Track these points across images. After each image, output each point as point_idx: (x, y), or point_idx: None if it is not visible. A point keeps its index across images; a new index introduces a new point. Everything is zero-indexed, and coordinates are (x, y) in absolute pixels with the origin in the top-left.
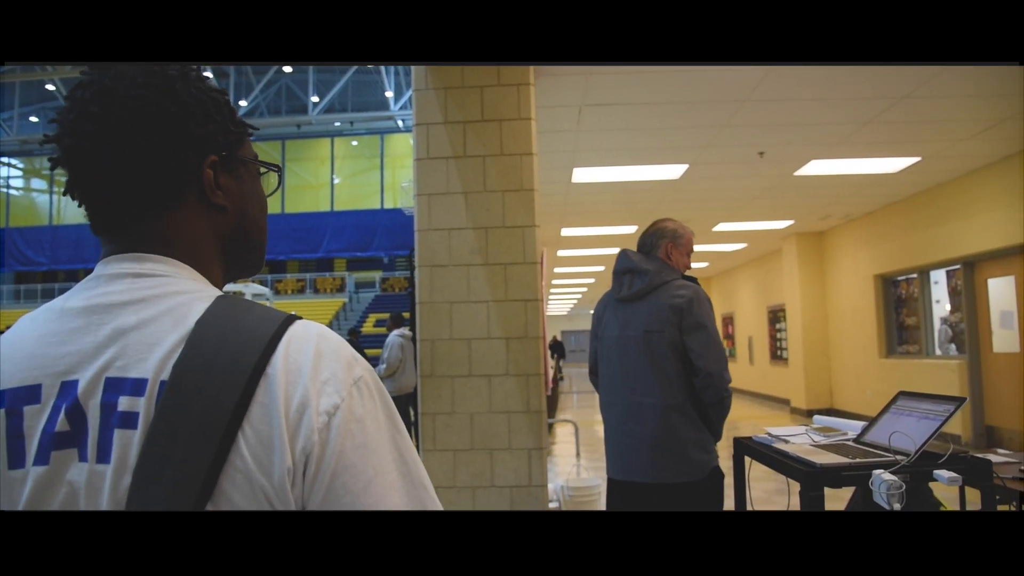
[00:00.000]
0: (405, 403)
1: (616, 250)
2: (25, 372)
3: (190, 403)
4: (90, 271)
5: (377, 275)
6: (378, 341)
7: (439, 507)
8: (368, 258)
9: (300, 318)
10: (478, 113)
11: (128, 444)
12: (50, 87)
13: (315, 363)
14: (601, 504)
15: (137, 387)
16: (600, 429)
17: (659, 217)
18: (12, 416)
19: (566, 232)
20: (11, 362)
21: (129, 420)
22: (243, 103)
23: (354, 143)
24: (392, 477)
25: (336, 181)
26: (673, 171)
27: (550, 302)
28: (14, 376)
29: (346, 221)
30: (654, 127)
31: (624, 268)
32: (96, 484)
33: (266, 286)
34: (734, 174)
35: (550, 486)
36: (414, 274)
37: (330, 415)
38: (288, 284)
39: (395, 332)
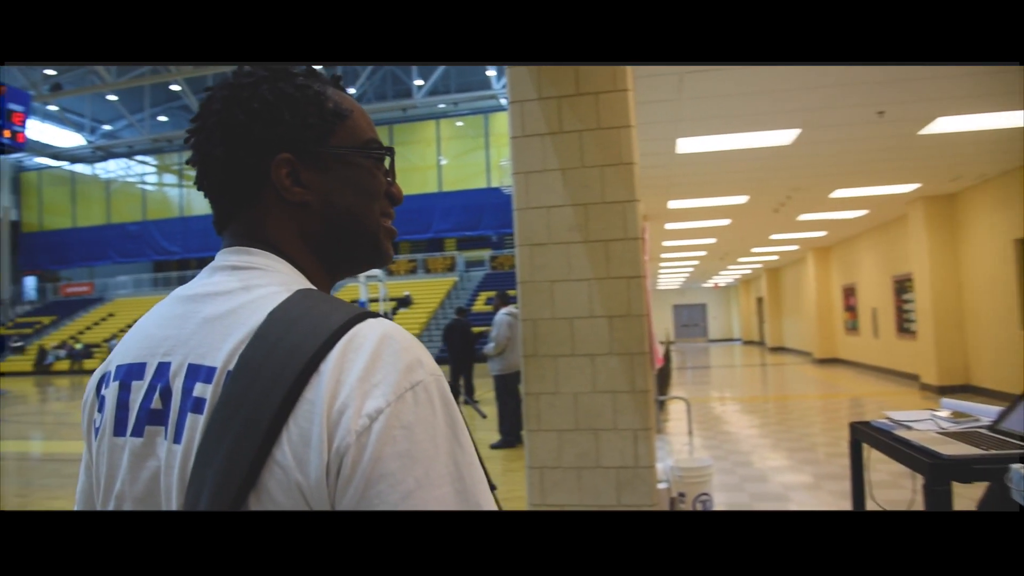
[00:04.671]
0: (514, 381)
1: (727, 221)
2: (138, 350)
3: (245, 394)
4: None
5: (486, 254)
6: (488, 319)
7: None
8: (477, 237)
9: (375, 316)
10: (573, 87)
11: (196, 428)
12: (175, 87)
13: (370, 364)
14: (711, 485)
15: (208, 375)
16: (715, 406)
17: (772, 184)
18: (123, 389)
19: (673, 204)
20: (133, 340)
21: (199, 406)
22: (351, 91)
23: (459, 124)
24: (442, 492)
25: (443, 162)
26: (784, 136)
27: (660, 276)
28: (130, 352)
29: (454, 201)
30: (761, 90)
31: None
32: (171, 463)
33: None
34: (851, 136)
35: (659, 466)
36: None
37: (372, 419)
38: (400, 265)
39: (503, 310)
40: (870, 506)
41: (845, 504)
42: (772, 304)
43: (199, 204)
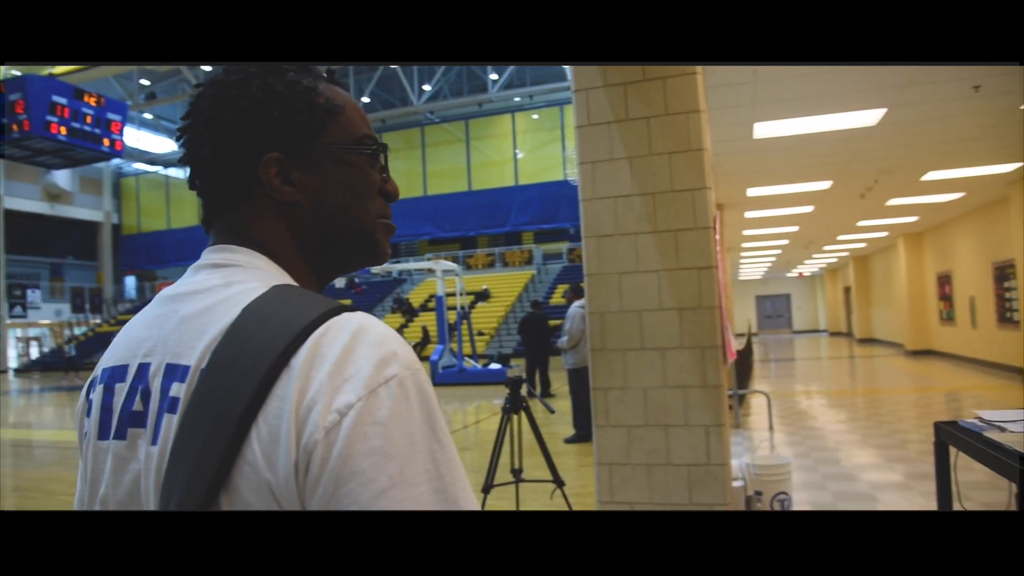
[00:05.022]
0: (588, 375)
1: (810, 208)
2: (121, 353)
3: (216, 392)
4: None
5: (564, 246)
6: (565, 313)
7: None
8: (554, 230)
9: (350, 310)
10: (639, 73)
11: (171, 429)
12: None
13: (342, 358)
14: (791, 484)
15: (184, 374)
16: (799, 400)
17: (857, 168)
18: (106, 392)
19: (753, 192)
20: (118, 343)
21: (175, 406)
22: (427, 87)
23: (534, 116)
24: (419, 491)
25: (519, 155)
26: (868, 117)
27: (742, 266)
28: (114, 355)
29: (531, 194)
30: (842, 69)
31: None
32: (148, 465)
33: (457, 262)
34: (943, 114)
35: (735, 463)
36: None
37: (342, 414)
38: (478, 259)
39: (576, 303)
40: (959, 509)
41: (935, 506)
42: (860, 293)
43: None
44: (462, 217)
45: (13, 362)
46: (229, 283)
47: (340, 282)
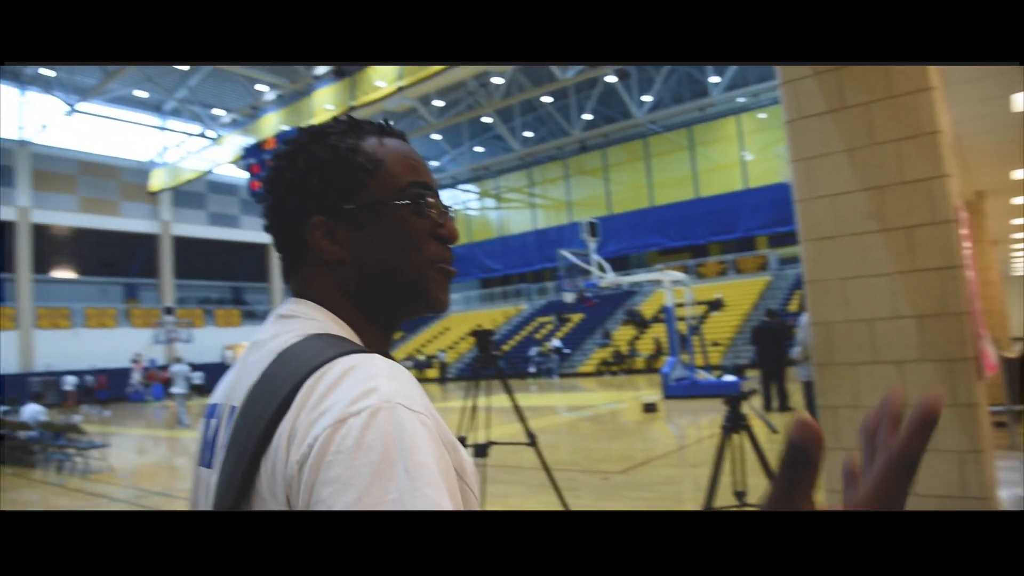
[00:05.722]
0: None
1: None
2: (219, 391)
3: (241, 430)
4: (534, 273)
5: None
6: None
7: None
8: (790, 232)
9: (367, 353)
10: None
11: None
12: (486, 119)
13: (325, 392)
14: None
15: (232, 414)
16: None
17: None
18: (207, 425)
19: (1019, 175)
20: (222, 380)
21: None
22: (647, 98)
23: (761, 116)
24: None
25: (747, 158)
26: None
27: (1014, 261)
28: (217, 392)
29: (762, 197)
30: None
31: None
32: (209, 495)
33: (688, 271)
34: None
35: (1004, 494)
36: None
37: (311, 446)
38: (710, 267)
39: None
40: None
41: None
42: None
43: (516, 224)
44: (691, 225)
45: None
46: (281, 333)
47: (569, 297)
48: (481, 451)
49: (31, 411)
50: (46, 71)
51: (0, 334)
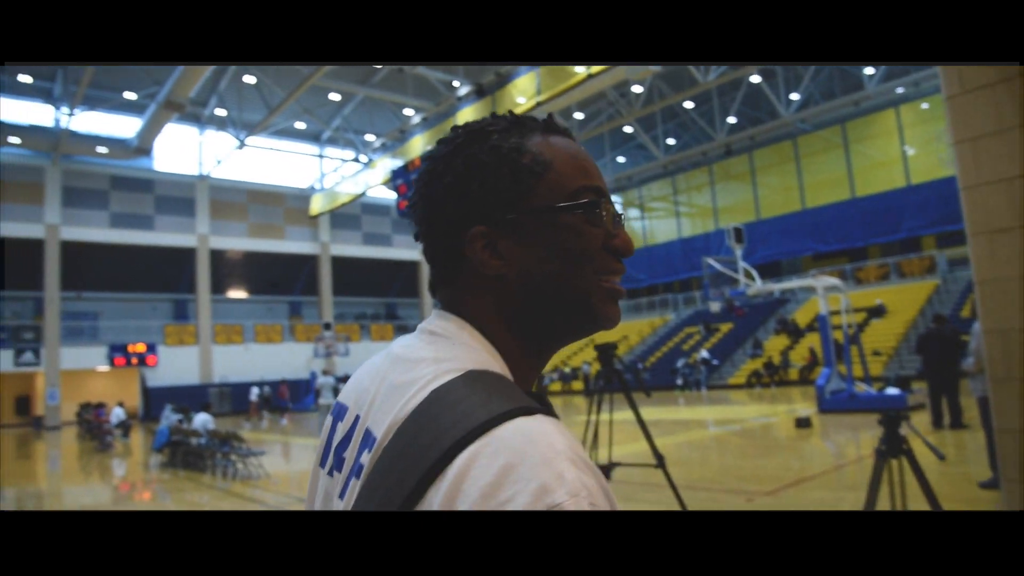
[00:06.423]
0: None
1: None
2: (351, 394)
3: (383, 479)
4: (681, 283)
5: None
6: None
7: None
8: (960, 231)
9: (532, 411)
10: None
11: (353, 494)
12: (628, 129)
13: (498, 478)
14: None
15: (372, 444)
16: None
17: None
18: (332, 428)
19: None
20: (352, 382)
21: (361, 472)
22: (795, 96)
23: (924, 106)
24: None
25: (909, 152)
26: None
27: None
28: (346, 394)
29: (927, 194)
30: None
31: None
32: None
33: (845, 276)
34: None
35: None
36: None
37: None
38: (869, 272)
39: None
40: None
41: None
42: None
43: (661, 233)
44: (847, 227)
45: None
46: (433, 359)
47: (715, 306)
48: (605, 473)
49: (201, 420)
50: (220, 111)
51: (186, 349)
